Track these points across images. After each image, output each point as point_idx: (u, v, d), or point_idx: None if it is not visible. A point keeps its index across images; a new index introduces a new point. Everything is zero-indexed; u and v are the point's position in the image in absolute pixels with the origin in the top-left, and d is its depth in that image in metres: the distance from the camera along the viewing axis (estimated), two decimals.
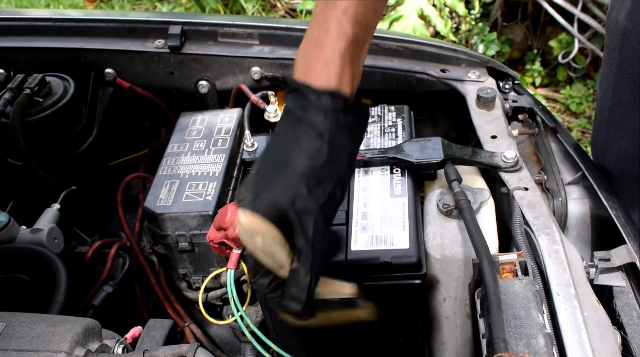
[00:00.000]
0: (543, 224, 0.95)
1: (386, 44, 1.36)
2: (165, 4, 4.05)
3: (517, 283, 0.84)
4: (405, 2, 3.03)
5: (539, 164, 1.19)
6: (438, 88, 1.33)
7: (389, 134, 1.16)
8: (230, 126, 1.27)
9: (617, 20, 1.08)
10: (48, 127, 1.32)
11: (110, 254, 1.29)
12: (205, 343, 1.24)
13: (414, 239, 0.94)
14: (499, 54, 3.22)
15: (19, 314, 0.84)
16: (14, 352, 0.77)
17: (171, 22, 1.43)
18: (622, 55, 1.09)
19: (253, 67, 1.39)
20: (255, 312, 1.12)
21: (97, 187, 1.46)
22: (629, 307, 0.90)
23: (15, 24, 1.49)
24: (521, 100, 1.27)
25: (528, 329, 0.78)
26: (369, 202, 1.02)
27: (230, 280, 0.96)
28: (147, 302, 1.34)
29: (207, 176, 1.15)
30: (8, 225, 1.18)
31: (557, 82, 3.27)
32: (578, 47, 2.98)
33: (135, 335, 0.93)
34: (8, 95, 1.27)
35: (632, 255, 0.92)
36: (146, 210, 1.11)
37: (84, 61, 1.44)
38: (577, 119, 3.08)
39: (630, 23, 1.05)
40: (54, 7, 4.08)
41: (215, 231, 0.99)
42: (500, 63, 1.34)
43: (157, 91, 1.47)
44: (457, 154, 1.06)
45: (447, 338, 1.05)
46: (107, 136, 1.45)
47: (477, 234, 0.88)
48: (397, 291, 0.94)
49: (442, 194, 1.00)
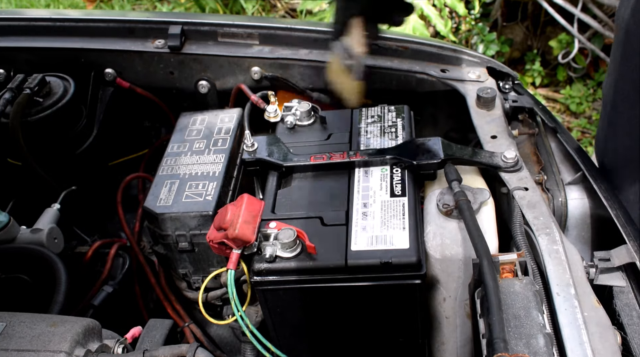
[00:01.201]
0: (543, 224, 0.95)
1: (386, 44, 1.36)
2: (165, 4, 4.05)
3: (517, 283, 0.84)
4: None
5: (539, 164, 1.19)
6: (438, 88, 1.33)
7: (389, 134, 1.16)
8: (230, 126, 1.27)
9: (622, 17, 1.09)
10: (48, 127, 1.32)
11: (110, 254, 1.29)
12: (205, 343, 1.25)
13: (414, 239, 0.94)
14: (499, 54, 3.22)
15: (19, 314, 0.84)
16: (14, 352, 0.77)
17: (171, 22, 1.43)
18: (625, 50, 1.11)
19: (253, 67, 1.39)
20: (255, 312, 1.13)
21: (97, 187, 1.47)
22: (629, 307, 0.90)
23: (15, 24, 1.49)
24: (521, 100, 1.27)
25: (528, 329, 0.78)
26: (368, 202, 1.02)
27: (230, 280, 0.96)
28: (147, 302, 1.34)
29: (207, 176, 1.15)
30: (8, 225, 1.18)
31: (557, 82, 3.27)
32: (578, 47, 2.98)
33: (135, 335, 0.93)
34: (8, 95, 1.27)
35: (632, 255, 0.92)
36: (146, 210, 1.11)
37: (84, 61, 1.44)
38: (577, 119, 3.08)
39: (633, 19, 1.06)
40: (54, 7, 4.08)
41: (215, 231, 0.99)
42: (500, 63, 1.34)
43: (157, 91, 1.47)
44: (457, 154, 1.06)
45: (447, 338, 1.05)
46: (107, 136, 1.46)
47: (477, 234, 0.88)
48: (397, 291, 0.94)
49: (442, 194, 1.00)
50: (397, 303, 0.97)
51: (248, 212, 0.99)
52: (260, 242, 0.97)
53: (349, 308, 0.99)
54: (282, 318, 1.02)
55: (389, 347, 1.05)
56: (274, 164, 1.11)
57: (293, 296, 0.97)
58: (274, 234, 0.96)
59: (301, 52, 1.39)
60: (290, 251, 0.94)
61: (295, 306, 1.00)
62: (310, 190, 1.07)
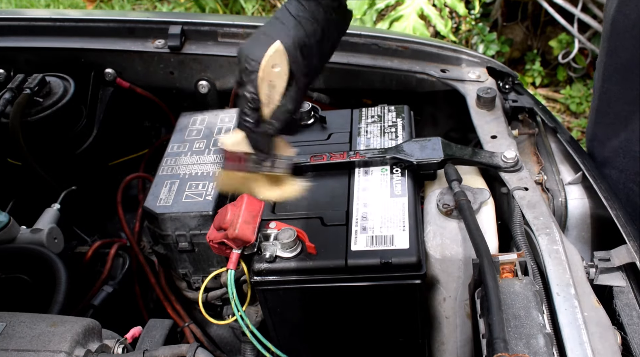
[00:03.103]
0: (543, 224, 0.95)
1: (386, 44, 1.36)
2: (165, 4, 4.05)
3: (517, 283, 0.84)
4: (405, 2, 3.03)
5: (539, 164, 1.19)
6: (438, 88, 1.33)
7: (389, 134, 1.16)
8: (230, 126, 1.27)
9: (609, 11, 1.11)
10: (48, 127, 1.32)
11: (110, 254, 1.29)
12: (205, 343, 1.24)
13: (414, 239, 0.94)
14: (499, 54, 3.22)
15: (19, 314, 0.84)
16: (14, 352, 0.77)
17: (171, 22, 1.43)
18: (610, 44, 1.13)
19: None
20: (255, 312, 1.13)
21: (97, 187, 1.46)
22: (629, 307, 0.90)
23: (15, 24, 1.49)
24: (521, 100, 1.27)
25: (528, 329, 0.78)
26: (369, 202, 1.02)
27: (230, 280, 0.96)
28: (147, 302, 1.34)
29: (207, 176, 1.15)
30: (8, 225, 1.18)
31: (557, 82, 3.27)
32: (578, 47, 2.98)
33: (135, 335, 0.93)
34: (8, 95, 1.27)
35: (632, 255, 0.92)
36: (146, 210, 1.11)
37: (84, 61, 1.44)
38: (577, 119, 3.08)
39: (618, 14, 1.08)
40: (54, 7, 4.08)
41: (215, 231, 0.99)
42: (500, 63, 1.34)
43: (157, 91, 1.47)
44: (457, 154, 1.06)
45: (447, 338, 1.05)
46: (107, 136, 1.45)
47: (477, 234, 0.88)
48: (397, 291, 0.94)
49: (442, 194, 1.00)
50: (397, 303, 0.97)
51: (248, 212, 0.99)
52: (260, 242, 0.97)
53: (349, 308, 0.99)
54: (282, 318, 1.02)
55: (389, 347, 1.05)
56: None
57: (293, 296, 0.98)
58: (274, 234, 0.96)
59: None
60: (290, 251, 0.94)
61: (295, 306, 1.00)
62: (310, 190, 1.07)
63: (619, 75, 1.13)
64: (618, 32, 1.10)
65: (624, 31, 1.09)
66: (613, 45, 1.13)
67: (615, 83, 1.14)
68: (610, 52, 1.14)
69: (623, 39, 1.10)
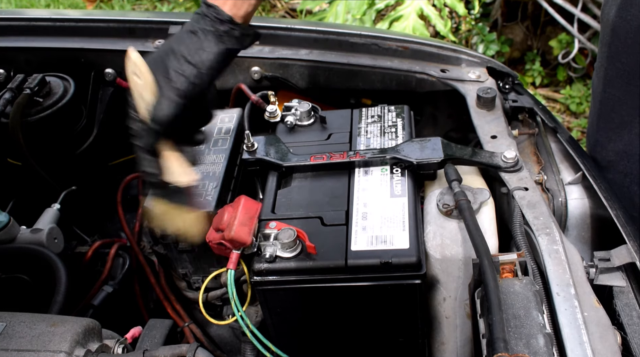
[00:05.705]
0: (543, 224, 0.95)
1: (386, 44, 1.36)
2: (165, 4, 4.05)
3: (517, 283, 0.84)
4: (405, 2, 3.02)
5: (539, 164, 1.19)
6: (438, 88, 1.33)
7: (389, 134, 1.16)
8: (230, 126, 1.26)
9: (607, 15, 1.10)
10: (48, 127, 1.32)
11: (110, 254, 1.29)
12: (205, 343, 1.24)
13: (414, 239, 0.94)
14: (499, 54, 3.22)
15: (19, 314, 0.84)
16: (14, 352, 0.77)
17: (171, 22, 1.43)
18: (612, 50, 1.12)
19: (253, 67, 1.39)
20: (255, 312, 1.13)
21: (97, 187, 1.46)
22: (629, 307, 0.90)
23: (15, 24, 1.49)
24: (521, 100, 1.27)
25: (528, 329, 0.78)
26: (368, 202, 1.02)
27: (230, 280, 0.96)
28: (147, 302, 1.34)
29: (207, 176, 1.14)
30: (8, 225, 1.18)
31: (557, 82, 3.27)
32: (578, 47, 2.98)
33: (135, 335, 0.93)
34: (8, 95, 1.27)
35: (632, 255, 0.92)
36: (146, 210, 1.10)
37: (84, 61, 1.44)
38: (577, 119, 3.08)
39: (619, 19, 1.07)
40: (54, 7, 4.08)
41: (214, 232, 0.99)
42: (500, 63, 1.34)
43: None
44: (457, 154, 1.06)
45: (447, 338, 1.05)
46: (107, 136, 1.45)
47: (477, 234, 0.88)
48: (397, 291, 0.94)
49: (442, 194, 1.00)
50: (397, 303, 0.97)
51: (245, 214, 0.98)
52: (260, 242, 0.97)
53: (349, 308, 0.99)
54: (282, 318, 1.02)
55: (389, 347, 1.05)
56: (274, 164, 1.11)
57: (293, 296, 0.98)
58: (274, 234, 0.96)
59: (301, 52, 1.39)
60: (290, 251, 0.94)
61: (295, 306, 1.00)
62: (310, 190, 1.07)
63: (622, 81, 1.12)
64: (619, 38, 1.10)
65: (626, 36, 1.08)
66: (615, 51, 1.12)
67: (619, 88, 1.14)
68: (611, 57, 1.13)
69: (625, 44, 1.09)
